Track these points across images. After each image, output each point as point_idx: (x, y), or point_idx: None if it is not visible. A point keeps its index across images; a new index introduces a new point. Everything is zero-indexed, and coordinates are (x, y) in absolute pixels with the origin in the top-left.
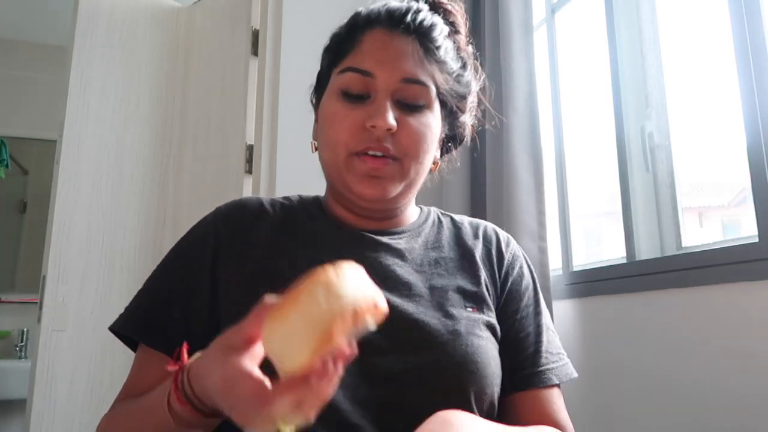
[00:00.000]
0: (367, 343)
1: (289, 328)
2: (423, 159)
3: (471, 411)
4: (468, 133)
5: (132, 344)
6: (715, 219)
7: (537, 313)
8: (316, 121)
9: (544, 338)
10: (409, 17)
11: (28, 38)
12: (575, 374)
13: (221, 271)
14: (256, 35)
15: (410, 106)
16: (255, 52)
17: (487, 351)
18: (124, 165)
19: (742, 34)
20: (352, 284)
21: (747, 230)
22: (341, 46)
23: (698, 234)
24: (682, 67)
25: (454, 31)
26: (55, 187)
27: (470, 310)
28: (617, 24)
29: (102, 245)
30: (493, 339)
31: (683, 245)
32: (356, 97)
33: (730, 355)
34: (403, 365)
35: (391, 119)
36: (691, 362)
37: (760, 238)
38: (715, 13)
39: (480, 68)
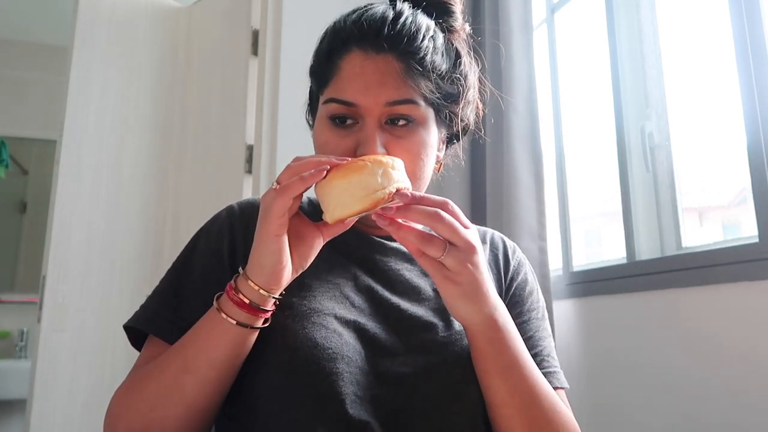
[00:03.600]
0: (377, 345)
1: (349, 187)
2: (421, 174)
3: (478, 411)
4: (471, 122)
5: (137, 342)
6: (715, 219)
7: (538, 318)
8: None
9: (546, 343)
10: (385, 31)
11: (28, 38)
12: (567, 385)
13: (239, 266)
14: (256, 35)
15: (400, 126)
16: (255, 52)
17: None
18: (124, 165)
19: (742, 35)
20: (400, 173)
21: (747, 230)
22: (323, 71)
23: (698, 234)
24: (682, 67)
25: (446, 12)
26: (55, 187)
27: None
28: (617, 24)
29: (102, 245)
30: None
31: (683, 245)
32: (344, 124)
33: (730, 354)
34: (413, 366)
35: (379, 149)
36: (691, 362)
37: (760, 238)
38: (715, 13)
39: (476, 56)
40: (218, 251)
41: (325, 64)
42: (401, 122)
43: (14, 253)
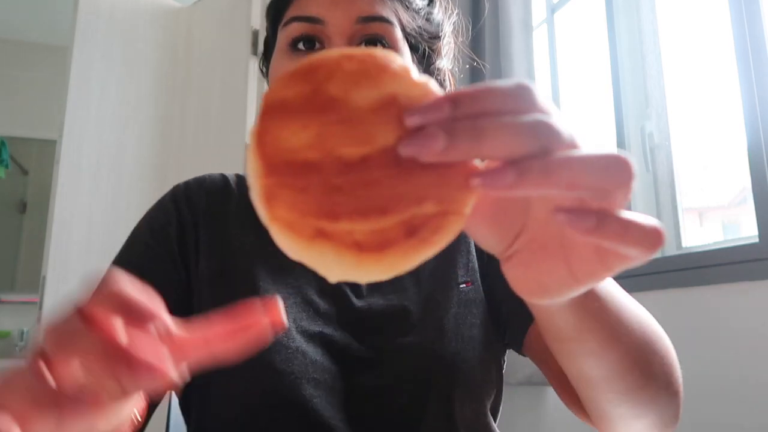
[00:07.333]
0: (348, 358)
1: None
2: None
3: (463, 415)
4: (448, 80)
5: None
6: (715, 219)
7: None
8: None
9: None
10: None
11: (28, 38)
12: None
13: (190, 259)
14: (256, 35)
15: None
16: (255, 52)
17: (475, 339)
18: (124, 165)
19: (742, 35)
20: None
21: (747, 230)
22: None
23: (698, 234)
24: (682, 67)
25: None
26: (55, 187)
27: (464, 285)
28: (617, 24)
29: (102, 245)
30: (486, 319)
31: (683, 245)
32: (307, 50)
33: (730, 354)
34: (390, 377)
35: None
36: (691, 362)
37: (760, 238)
38: (715, 13)
39: (451, 4)
40: (164, 240)
41: None
42: (377, 45)
43: (14, 253)
